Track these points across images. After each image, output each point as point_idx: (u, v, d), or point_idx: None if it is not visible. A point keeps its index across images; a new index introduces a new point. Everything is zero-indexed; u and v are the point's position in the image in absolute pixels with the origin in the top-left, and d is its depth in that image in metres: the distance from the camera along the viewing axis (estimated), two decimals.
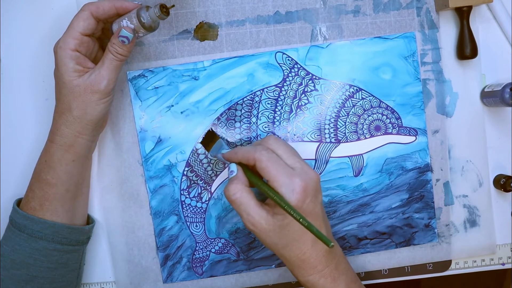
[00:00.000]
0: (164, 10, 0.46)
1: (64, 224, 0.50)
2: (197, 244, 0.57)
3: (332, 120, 0.56)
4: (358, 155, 0.57)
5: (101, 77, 0.47)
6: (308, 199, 0.45)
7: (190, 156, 0.56)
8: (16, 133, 0.56)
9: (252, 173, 0.47)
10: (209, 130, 0.55)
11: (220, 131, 0.55)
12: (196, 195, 0.56)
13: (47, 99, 0.56)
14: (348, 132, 0.56)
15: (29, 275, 0.49)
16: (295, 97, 0.56)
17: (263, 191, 0.46)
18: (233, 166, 0.49)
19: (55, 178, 0.49)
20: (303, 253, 0.47)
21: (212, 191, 0.56)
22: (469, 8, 0.55)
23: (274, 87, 0.56)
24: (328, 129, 0.56)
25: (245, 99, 0.56)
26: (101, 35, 0.51)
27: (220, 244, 0.57)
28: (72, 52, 0.46)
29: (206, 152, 0.55)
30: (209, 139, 0.55)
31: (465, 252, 0.59)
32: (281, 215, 0.46)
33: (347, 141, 0.57)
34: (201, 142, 0.55)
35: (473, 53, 0.55)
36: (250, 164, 0.47)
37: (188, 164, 0.56)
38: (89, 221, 0.56)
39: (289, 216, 0.45)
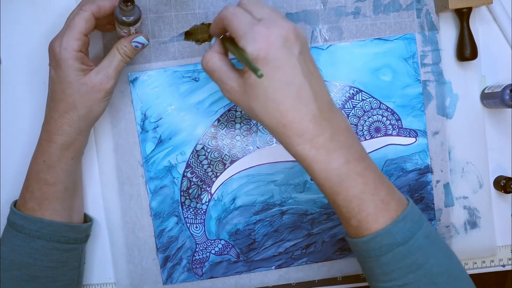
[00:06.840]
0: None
1: (62, 222, 0.50)
2: (197, 246, 0.57)
3: None
4: None
5: (109, 77, 0.48)
6: (273, 48, 0.40)
7: (190, 157, 0.56)
8: (16, 134, 0.56)
9: (229, 40, 0.44)
10: (194, 26, 0.52)
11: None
12: (196, 196, 0.56)
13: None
14: None
15: (30, 275, 0.49)
16: None
17: (229, 49, 0.43)
18: (213, 40, 0.47)
19: (54, 178, 0.49)
20: (283, 116, 0.41)
21: (212, 193, 0.56)
22: (469, 9, 0.55)
23: None
24: None
25: None
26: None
27: (220, 246, 0.57)
28: (77, 53, 0.47)
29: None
30: (196, 31, 0.51)
31: (466, 254, 0.59)
32: (248, 72, 0.42)
33: None
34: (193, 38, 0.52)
35: (473, 55, 0.55)
36: (223, 27, 0.44)
37: (188, 165, 0.56)
38: (87, 219, 0.56)
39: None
